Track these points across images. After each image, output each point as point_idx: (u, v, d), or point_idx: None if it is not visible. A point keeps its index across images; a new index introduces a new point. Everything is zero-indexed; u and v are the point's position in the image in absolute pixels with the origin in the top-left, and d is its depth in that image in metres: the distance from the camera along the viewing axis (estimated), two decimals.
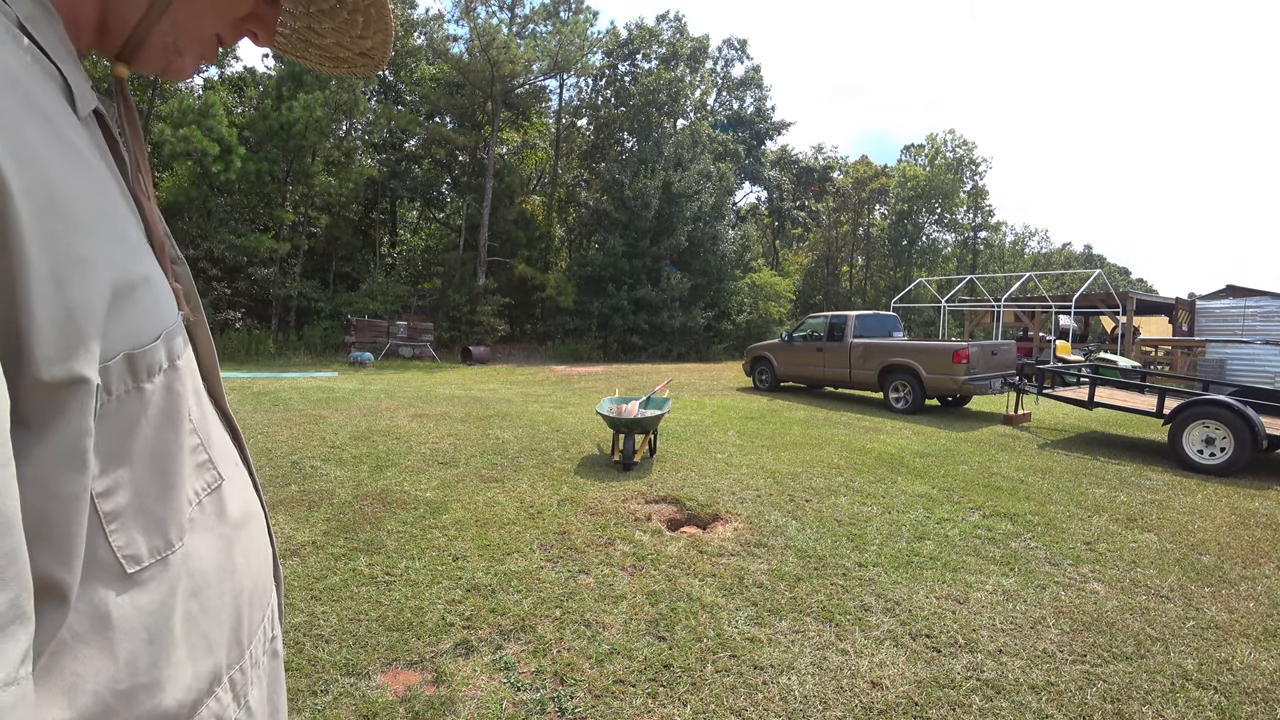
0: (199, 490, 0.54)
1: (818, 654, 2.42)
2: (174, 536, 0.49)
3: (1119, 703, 2.17)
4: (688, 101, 27.09)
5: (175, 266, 0.59)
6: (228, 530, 0.58)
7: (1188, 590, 3.11)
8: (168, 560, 0.48)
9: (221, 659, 0.55)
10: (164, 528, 0.48)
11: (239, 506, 0.61)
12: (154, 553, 0.47)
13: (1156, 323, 22.73)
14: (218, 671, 0.54)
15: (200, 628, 0.52)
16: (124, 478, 0.44)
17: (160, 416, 0.48)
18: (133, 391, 0.45)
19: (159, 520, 0.47)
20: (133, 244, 0.46)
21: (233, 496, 0.60)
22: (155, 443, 0.47)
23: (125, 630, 0.43)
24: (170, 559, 0.48)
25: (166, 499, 0.48)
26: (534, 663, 2.32)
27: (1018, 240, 47.88)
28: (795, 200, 35.28)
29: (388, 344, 17.35)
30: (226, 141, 15.32)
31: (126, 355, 0.44)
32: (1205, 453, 5.71)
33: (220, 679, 0.54)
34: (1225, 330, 16.18)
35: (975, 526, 3.95)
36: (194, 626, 0.51)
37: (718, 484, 4.74)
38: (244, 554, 0.60)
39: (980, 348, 8.87)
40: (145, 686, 0.44)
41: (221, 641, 0.55)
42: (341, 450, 5.48)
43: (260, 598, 0.63)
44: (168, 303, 0.50)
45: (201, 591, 0.52)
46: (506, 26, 20.89)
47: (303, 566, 3.05)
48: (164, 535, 0.48)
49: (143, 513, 0.46)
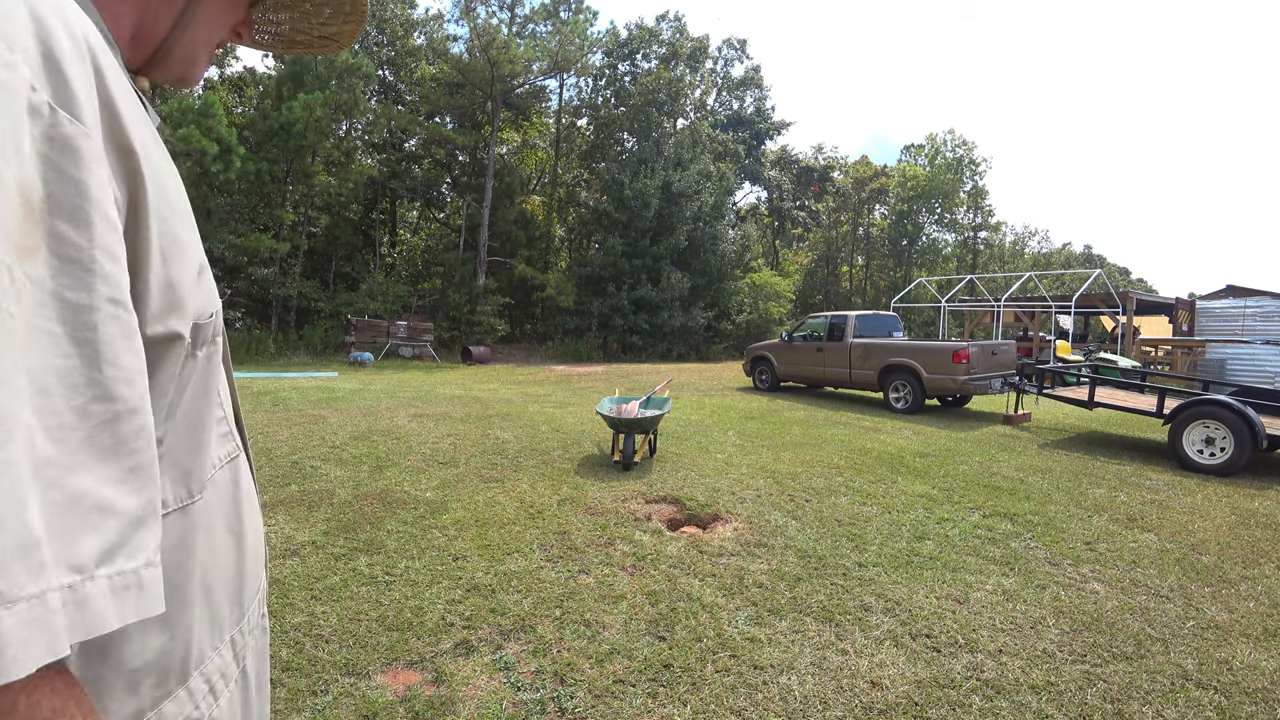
0: (221, 457, 0.60)
1: (818, 654, 2.42)
2: (195, 489, 0.54)
3: (1119, 703, 2.17)
4: (688, 101, 27.11)
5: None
6: (240, 498, 0.63)
7: (1188, 590, 3.11)
8: (188, 509, 0.53)
9: (225, 615, 0.59)
10: (189, 479, 0.53)
11: (247, 481, 0.67)
12: (178, 500, 0.52)
13: (1156, 323, 22.73)
14: (221, 626, 0.58)
15: (209, 580, 0.57)
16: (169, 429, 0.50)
17: (201, 382, 0.54)
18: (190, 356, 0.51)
19: (186, 471, 0.53)
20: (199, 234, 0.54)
21: (244, 470, 0.66)
22: (195, 404, 0.54)
23: None
24: (191, 509, 0.53)
25: (195, 455, 0.54)
26: (534, 663, 2.32)
27: (1018, 240, 47.86)
28: (795, 200, 35.27)
29: (388, 344, 17.35)
30: (226, 141, 15.32)
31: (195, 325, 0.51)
32: (1205, 453, 5.71)
33: (223, 635, 0.59)
34: (1225, 330, 16.19)
35: (975, 526, 3.95)
36: (205, 577, 0.56)
37: (718, 484, 4.74)
38: (251, 525, 0.65)
39: (980, 348, 8.87)
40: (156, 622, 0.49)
41: (225, 598, 0.59)
42: (341, 450, 5.48)
43: (257, 569, 0.68)
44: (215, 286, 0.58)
45: (215, 547, 0.57)
46: (506, 26, 20.89)
47: (303, 566, 3.05)
48: (188, 486, 0.53)
49: (175, 463, 0.51)
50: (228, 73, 21.37)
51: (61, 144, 0.36)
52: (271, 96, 18.19)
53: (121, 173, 0.42)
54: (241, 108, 20.60)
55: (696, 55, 26.72)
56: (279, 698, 2.07)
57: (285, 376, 11.97)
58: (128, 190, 0.42)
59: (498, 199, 22.48)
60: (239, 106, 20.65)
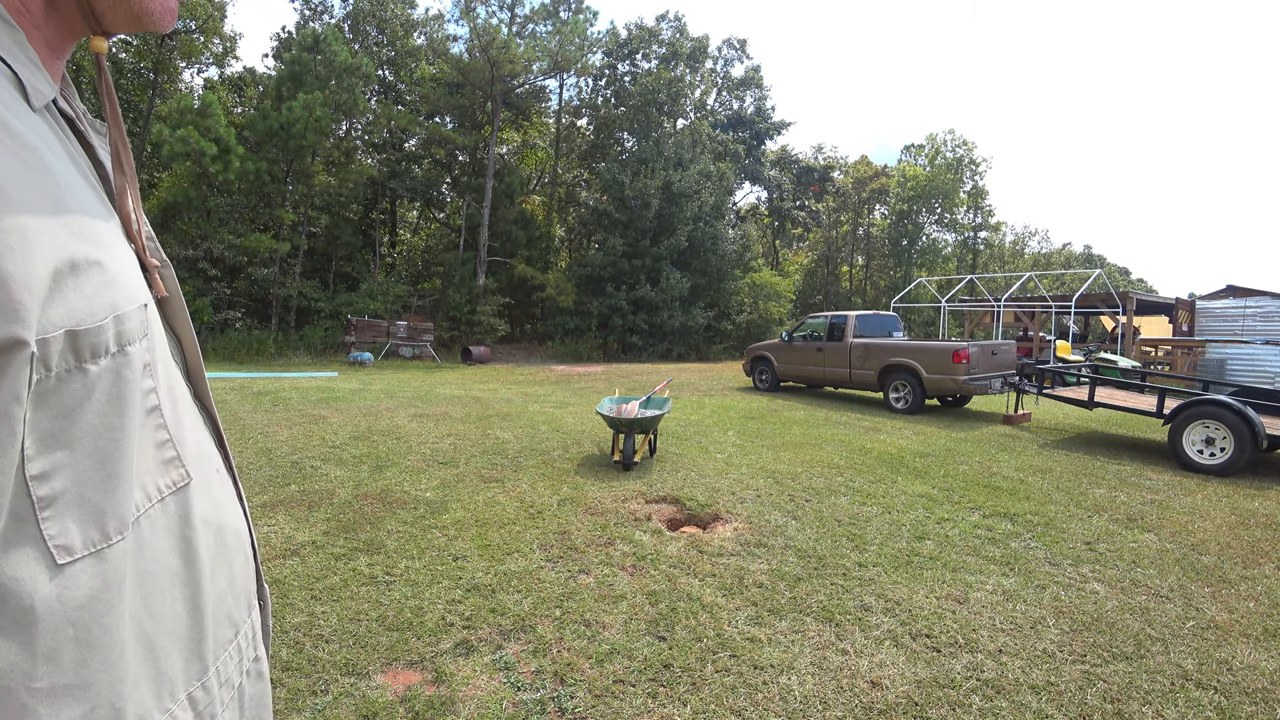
0: (161, 487, 0.52)
1: (818, 654, 2.42)
2: (112, 530, 0.46)
3: (1119, 703, 2.17)
4: (688, 101, 27.10)
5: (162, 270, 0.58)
6: (190, 534, 0.55)
7: (1188, 590, 3.11)
8: (103, 554, 0.45)
9: (176, 671, 0.52)
10: (101, 519, 0.45)
11: (209, 511, 0.58)
12: (88, 545, 0.44)
13: (1156, 323, 22.75)
14: (172, 684, 0.51)
15: (147, 632, 0.49)
16: (63, 461, 0.43)
17: (105, 402, 0.46)
18: (74, 371, 0.44)
19: (97, 510, 0.45)
20: (84, 229, 0.46)
21: (201, 499, 0.57)
22: (99, 428, 0.45)
23: (48, 624, 0.41)
24: (107, 553, 0.46)
25: (107, 489, 0.46)
26: (534, 663, 2.32)
27: (1018, 240, 47.82)
28: (795, 200, 35.24)
29: (388, 344, 17.35)
30: (225, 141, 15.33)
31: (68, 332, 0.43)
32: (1205, 453, 5.71)
33: (175, 694, 0.52)
34: (1225, 330, 16.19)
35: (975, 526, 3.95)
36: (139, 631, 0.49)
37: (718, 484, 4.74)
38: (210, 562, 0.57)
39: (980, 348, 8.87)
40: (70, 688, 0.42)
41: (175, 652, 0.52)
42: (341, 450, 5.48)
43: (233, 613, 0.61)
44: (124, 289, 0.48)
45: (151, 595, 0.50)
46: (506, 26, 20.89)
47: (303, 566, 3.05)
48: (101, 527, 0.45)
49: (80, 501, 0.44)
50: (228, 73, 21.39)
51: None
52: (271, 96, 18.17)
53: None
54: (241, 108, 20.60)
55: (696, 55, 26.72)
56: (279, 698, 2.07)
57: (285, 376, 11.97)
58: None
59: (498, 199, 22.47)
60: (238, 106, 20.65)
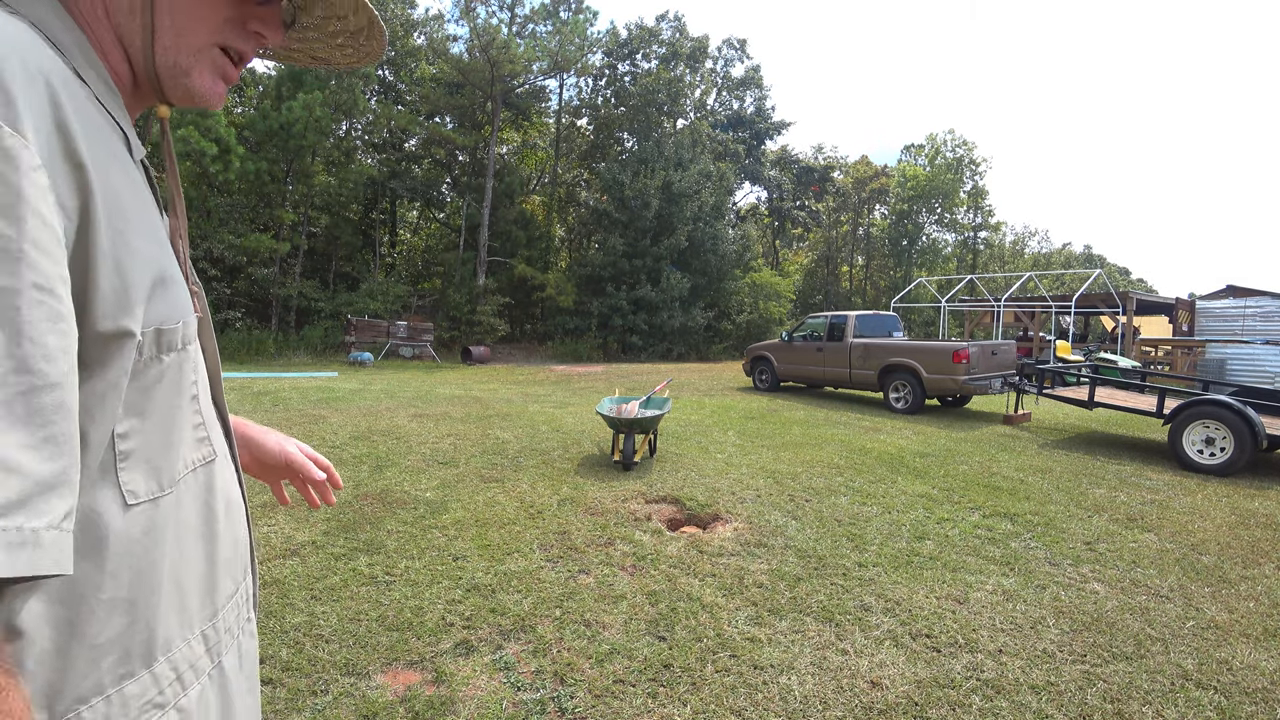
0: (195, 460, 0.64)
1: (818, 654, 2.42)
2: (165, 484, 0.58)
3: (1119, 703, 2.17)
4: (688, 101, 27.08)
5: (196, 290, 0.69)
6: (213, 501, 0.66)
7: (1188, 590, 3.11)
8: (158, 502, 0.57)
9: (194, 608, 0.63)
10: (159, 475, 0.57)
11: (225, 487, 0.70)
12: (149, 492, 0.56)
13: (1156, 323, 22.75)
14: (190, 619, 0.62)
15: (178, 571, 0.60)
16: (138, 427, 0.55)
17: (171, 385, 0.59)
18: (155, 359, 0.56)
19: (156, 468, 0.57)
20: (167, 252, 0.60)
21: (221, 475, 0.69)
22: (165, 405, 0.58)
23: (116, 550, 0.53)
24: (160, 502, 0.57)
25: (165, 453, 0.58)
26: (534, 663, 2.32)
27: (1018, 240, 47.78)
28: (795, 200, 35.24)
29: (388, 344, 17.34)
30: (225, 141, 15.30)
31: (156, 329, 0.56)
32: (1205, 453, 5.71)
33: (193, 627, 0.62)
34: (1225, 330, 16.19)
35: (975, 526, 3.95)
36: (173, 568, 0.59)
37: (718, 484, 4.74)
38: (224, 528, 0.69)
39: (980, 348, 8.87)
40: (123, 602, 0.53)
41: (195, 592, 0.63)
42: (341, 450, 5.48)
43: (234, 573, 0.71)
44: (186, 300, 0.62)
45: (184, 541, 0.61)
46: (506, 26, 20.87)
47: (303, 566, 3.05)
48: (159, 480, 0.57)
49: (146, 459, 0.56)
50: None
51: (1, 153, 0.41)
52: (271, 96, 18.15)
53: (74, 184, 0.47)
54: (241, 107, 20.56)
55: (696, 55, 26.70)
56: (279, 697, 2.07)
57: (285, 376, 11.97)
58: (79, 199, 0.47)
59: (498, 199, 22.46)
60: (238, 106, 20.62)
